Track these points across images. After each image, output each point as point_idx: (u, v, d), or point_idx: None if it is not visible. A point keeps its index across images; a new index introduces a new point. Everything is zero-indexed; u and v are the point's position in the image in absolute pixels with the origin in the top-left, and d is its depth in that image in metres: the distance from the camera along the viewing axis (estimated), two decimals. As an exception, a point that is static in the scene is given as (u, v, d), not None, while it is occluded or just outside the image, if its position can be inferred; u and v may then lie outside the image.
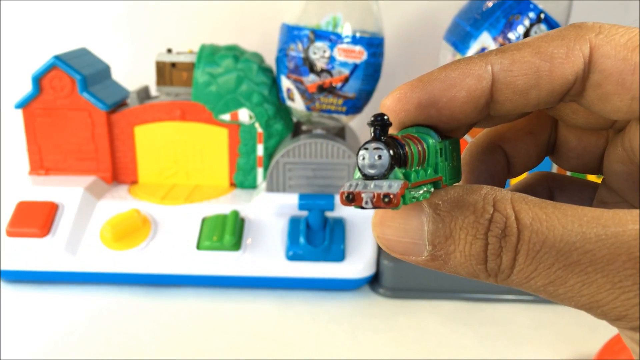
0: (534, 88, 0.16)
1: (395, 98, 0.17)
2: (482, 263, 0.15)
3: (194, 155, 0.59)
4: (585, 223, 0.14)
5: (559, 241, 0.14)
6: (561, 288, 0.14)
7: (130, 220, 0.52)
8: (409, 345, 0.46)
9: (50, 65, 0.54)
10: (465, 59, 0.17)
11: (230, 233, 0.51)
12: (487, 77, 0.16)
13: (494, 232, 0.14)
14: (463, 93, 0.16)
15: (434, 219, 0.15)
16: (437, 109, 0.16)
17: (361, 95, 0.54)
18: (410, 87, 0.16)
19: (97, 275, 0.52)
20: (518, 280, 0.15)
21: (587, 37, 0.16)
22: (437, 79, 0.16)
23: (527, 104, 0.17)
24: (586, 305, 0.14)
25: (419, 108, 0.16)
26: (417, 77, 0.17)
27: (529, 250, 0.14)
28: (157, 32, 0.73)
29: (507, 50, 0.16)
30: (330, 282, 0.52)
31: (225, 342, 0.46)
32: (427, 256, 0.16)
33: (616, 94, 0.16)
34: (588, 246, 0.14)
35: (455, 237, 0.15)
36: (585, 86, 0.16)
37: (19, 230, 0.51)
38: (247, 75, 0.55)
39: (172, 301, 0.51)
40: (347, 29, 0.52)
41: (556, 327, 0.48)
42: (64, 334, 0.46)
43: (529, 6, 0.52)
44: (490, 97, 0.16)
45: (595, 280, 0.14)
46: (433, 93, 0.16)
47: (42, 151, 0.57)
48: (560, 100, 0.17)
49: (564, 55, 0.16)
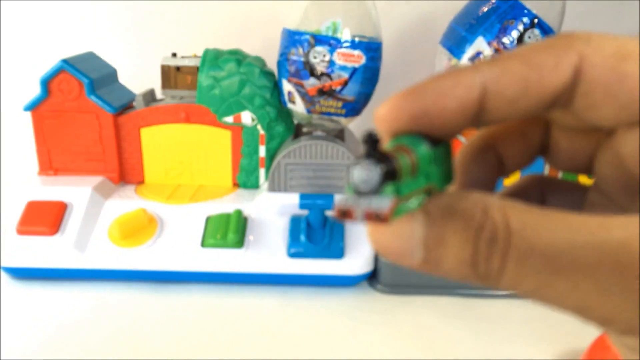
0: (523, 97, 0.16)
1: (388, 108, 0.17)
2: (472, 268, 0.15)
3: (199, 156, 0.59)
4: (573, 229, 0.14)
5: (547, 247, 0.14)
6: (550, 293, 0.14)
7: (137, 219, 0.53)
8: (406, 340, 0.46)
9: (59, 69, 0.55)
10: (456, 69, 0.17)
11: (233, 231, 0.52)
12: (478, 87, 0.16)
13: (484, 238, 0.15)
14: (454, 103, 0.16)
15: (426, 224, 0.15)
16: (429, 119, 0.16)
17: (360, 98, 0.55)
18: (402, 97, 0.17)
19: (105, 272, 0.52)
20: (508, 284, 0.15)
21: (576, 47, 0.16)
22: (429, 89, 0.16)
23: (515, 112, 0.17)
24: (575, 309, 0.15)
25: (412, 118, 0.16)
26: (409, 87, 0.17)
27: (519, 255, 0.14)
28: (162, 37, 0.73)
29: (498, 60, 0.16)
30: (330, 278, 0.52)
31: (229, 336, 0.46)
32: (419, 260, 0.16)
33: (604, 103, 0.16)
34: (576, 252, 0.14)
35: (446, 242, 0.15)
36: (574, 95, 0.16)
37: (29, 228, 0.52)
38: (250, 79, 0.56)
39: (178, 297, 0.52)
40: (346, 34, 0.52)
41: (550, 322, 0.48)
42: (72, 329, 0.47)
43: (523, 11, 0.53)
44: (480, 106, 0.16)
45: (583, 285, 0.14)
46: (425, 103, 0.16)
47: (51, 152, 0.58)
48: (549, 108, 0.17)
49: (553, 65, 0.16)
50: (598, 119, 0.17)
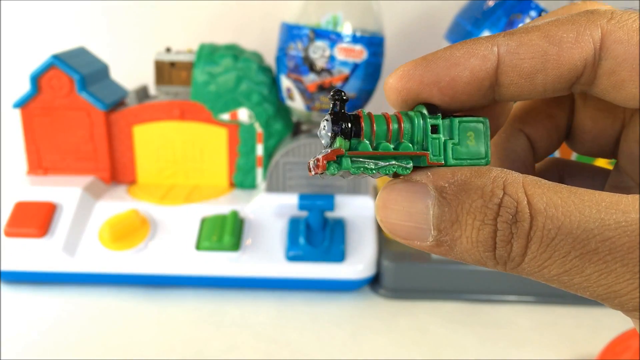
0: (540, 72, 0.16)
1: (398, 76, 0.16)
2: (490, 250, 0.14)
3: (193, 155, 0.58)
4: (603, 209, 0.13)
5: (575, 228, 0.13)
6: (577, 277, 0.14)
7: (129, 221, 0.52)
8: (409, 347, 0.45)
9: (49, 65, 0.54)
10: (472, 39, 0.16)
11: (229, 233, 0.51)
12: (493, 58, 0.16)
13: (504, 218, 0.14)
14: (466, 73, 0.16)
15: (440, 202, 0.15)
16: (439, 88, 0.16)
17: (361, 95, 0.54)
18: (414, 64, 0.16)
19: (95, 276, 0.51)
20: (529, 269, 0.14)
21: (599, 23, 0.15)
22: (442, 57, 0.16)
23: (533, 89, 0.16)
24: (602, 295, 0.14)
25: (421, 85, 0.16)
26: (422, 55, 0.16)
27: (543, 237, 0.14)
28: (156, 31, 0.72)
29: (515, 33, 0.16)
30: (331, 283, 0.51)
31: (225, 343, 0.45)
32: (432, 241, 0.15)
33: (631, 81, 0.15)
34: (607, 233, 0.13)
35: (462, 222, 0.14)
36: (597, 74, 0.16)
37: (17, 230, 0.51)
38: (247, 75, 0.55)
39: (171, 302, 0.51)
40: (347, 28, 0.51)
41: (558, 329, 0.48)
42: (62, 334, 0.46)
43: (530, 5, 0.52)
44: (495, 79, 0.16)
45: (614, 269, 0.13)
46: (436, 71, 0.16)
47: (40, 151, 0.57)
48: (569, 89, 0.16)
49: (573, 39, 0.15)
50: (624, 99, 0.16)
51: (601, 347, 0.42)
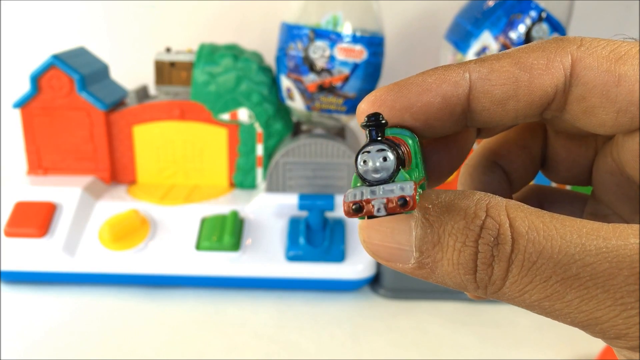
0: (512, 98, 0.16)
1: (370, 101, 0.16)
2: (471, 273, 0.14)
3: (193, 155, 0.58)
4: (584, 234, 0.13)
5: (557, 252, 0.13)
6: (558, 303, 0.13)
7: (129, 221, 0.52)
8: (409, 347, 0.45)
9: (49, 65, 0.54)
10: (443, 66, 0.16)
11: (229, 233, 0.51)
12: (464, 84, 0.16)
13: (486, 240, 0.14)
14: (438, 99, 0.16)
15: (423, 223, 0.14)
16: (411, 114, 0.16)
17: (361, 95, 0.54)
18: (386, 90, 0.16)
19: (95, 276, 0.51)
20: (510, 294, 0.14)
21: (569, 50, 0.16)
22: (414, 83, 0.16)
23: (505, 115, 0.16)
24: (584, 322, 0.14)
25: (393, 111, 0.16)
26: (395, 81, 0.16)
27: (525, 260, 0.13)
28: (155, 31, 0.72)
29: (487, 60, 0.16)
30: (331, 283, 0.51)
31: (225, 344, 0.45)
32: (414, 264, 0.15)
33: (601, 107, 0.16)
34: (588, 259, 0.13)
35: (443, 243, 0.14)
36: (568, 100, 0.16)
37: (17, 230, 0.51)
38: (247, 75, 0.55)
39: (171, 302, 0.51)
40: (347, 28, 0.51)
41: (557, 329, 0.48)
42: (62, 334, 0.46)
43: (531, 5, 0.52)
44: (467, 105, 0.16)
45: (595, 295, 0.13)
46: (408, 97, 0.16)
47: (40, 151, 0.57)
48: (540, 115, 0.17)
49: (544, 66, 0.16)
50: (595, 125, 0.16)
51: (601, 347, 0.42)
